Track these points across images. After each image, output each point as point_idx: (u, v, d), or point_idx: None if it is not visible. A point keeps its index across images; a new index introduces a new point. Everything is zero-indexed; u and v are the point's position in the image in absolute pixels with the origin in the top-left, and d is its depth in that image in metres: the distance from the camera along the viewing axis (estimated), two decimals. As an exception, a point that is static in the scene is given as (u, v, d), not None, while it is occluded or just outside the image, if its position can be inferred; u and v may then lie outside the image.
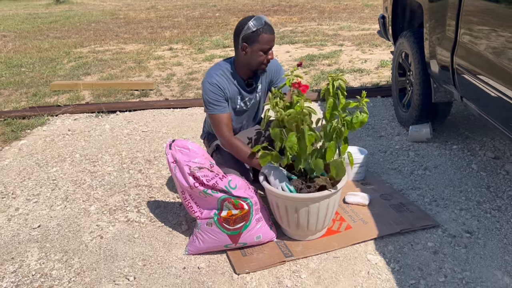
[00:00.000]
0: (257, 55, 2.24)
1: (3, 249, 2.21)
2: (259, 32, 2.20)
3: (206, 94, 2.31)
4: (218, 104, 2.31)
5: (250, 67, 2.31)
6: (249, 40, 2.22)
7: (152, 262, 2.07)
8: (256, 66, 2.29)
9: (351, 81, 4.91)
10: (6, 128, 3.88)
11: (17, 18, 12.20)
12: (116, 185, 2.80)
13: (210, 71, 2.36)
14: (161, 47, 7.39)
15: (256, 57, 2.25)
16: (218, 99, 2.30)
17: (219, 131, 2.33)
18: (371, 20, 9.12)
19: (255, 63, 2.28)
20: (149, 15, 11.95)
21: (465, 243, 2.09)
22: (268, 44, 2.23)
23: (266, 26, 2.21)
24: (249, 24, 2.20)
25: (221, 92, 2.31)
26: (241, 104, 2.44)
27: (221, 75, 2.33)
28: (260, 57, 2.25)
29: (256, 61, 2.27)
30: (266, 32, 2.21)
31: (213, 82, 2.30)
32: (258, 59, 2.26)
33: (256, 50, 2.23)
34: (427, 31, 2.88)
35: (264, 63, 2.29)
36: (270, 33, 2.23)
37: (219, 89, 2.30)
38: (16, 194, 2.74)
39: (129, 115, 4.10)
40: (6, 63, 6.59)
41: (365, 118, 1.95)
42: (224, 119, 2.32)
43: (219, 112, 2.31)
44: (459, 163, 2.86)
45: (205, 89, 2.32)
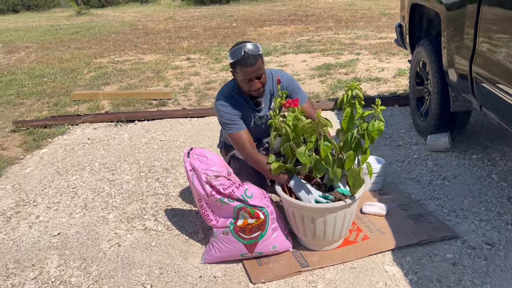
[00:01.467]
0: (244, 83, 2.26)
1: (24, 255, 2.26)
2: (236, 64, 2.20)
3: (220, 116, 2.34)
4: (234, 123, 2.32)
5: (244, 91, 2.34)
6: (233, 69, 2.26)
7: (169, 271, 2.08)
8: (246, 92, 2.32)
9: (368, 90, 4.89)
10: (28, 137, 3.97)
11: (40, 30, 12.53)
12: (134, 193, 2.84)
13: (219, 94, 2.39)
14: (179, 57, 7.49)
15: (243, 84, 2.28)
16: (232, 118, 2.32)
17: (241, 148, 2.31)
18: (388, 28, 9.08)
19: (245, 90, 2.31)
20: (167, 25, 12.14)
21: (485, 255, 2.05)
22: (247, 76, 2.21)
23: (243, 58, 2.16)
24: (229, 55, 2.22)
25: (234, 110, 2.32)
26: (255, 120, 2.46)
27: (230, 96, 2.36)
28: (246, 85, 2.26)
29: (244, 88, 2.30)
30: (243, 65, 2.18)
31: (223, 104, 2.32)
32: (246, 87, 2.28)
33: (241, 79, 2.25)
34: (445, 40, 2.86)
35: (251, 90, 2.28)
36: (248, 66, 2.17)
37: (231, 108, 2.32)
38: (37, 202, 2.80)
39: (147, 124, 4.16)
40: (29, 73, 6.76)
41: (382, 126, 1.93)
42: (243, 136, 2.31)
43: (236, 130, 2.32)
44: (479, 173, 2.81)
45: (218, 111, 2.34)
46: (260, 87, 2.28)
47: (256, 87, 2.25)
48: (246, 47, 2.17)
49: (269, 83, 2.42)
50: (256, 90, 2.28)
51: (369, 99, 4.40)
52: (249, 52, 2.16)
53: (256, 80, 2.24)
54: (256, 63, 2.19)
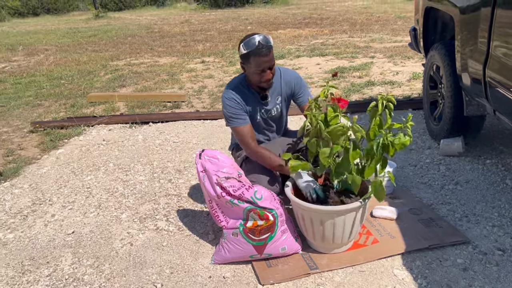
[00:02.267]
0: (254, 74, 2.29)
1: (39, 253, 2.31)
2: (250, 55, 2.23)
3: (225, 108, 2.37)
4: (238, 117, 2.36)
5: (254, 83, 2.36)
6: (244, 61, 2.29)
7: (179, 270, 2.11)
8: (256, 83, 2.34)
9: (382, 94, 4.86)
10: (46, 137, 4.06)
11: (58, 33, 12.77)
12: (147, 194, 2.88)
13: (227, 87, 2.43)
14: (193, 60, 7.56)
15: (254, 76, 2.30)
16: (237, 112, 2.36)
17: (243, 142, 2.38)
18: (403, 32, 9.01)
19: (255, 81, 2.34)
20: (183, 28, 12.25)
21: (496, 261, 2.03)
22: (260, 66, 2.24)
23: (257, 48, 2.19)
24: (241, 46, 2.25)
25: (239, 105, 2.36)
26: (260, 114, 2.48)
27: (236, 89, 2.39)
28: (257, 77, 2.29)
29: (254, 79, 2.32)
30: (256, 55, 2.21)
31: (230, 97, 2.36)
32: (256, 78, 2.31)
33: (252, 71, 2.28)
34: (458, 44, 2.84)
35: (262, 81, 2.31)
36: (262, 55, 2.21)
37: (236, 102, 2.35)
38: (53, 201, 2.86)
39: (161, 126, 4.21)
40: (48, 75, 6.90)
41: (407, 141, 1.91)
42: (246, 131, 2.36)
43: (240, 124, 2.36)
44: (492, 178, 2.78)
45: (223, 104, 2.38)
46: (271, 78, 2.32)
47: (267, 78, 2.29)
48: (259, 38, 2.22)
49: (275, 78, 2.44)
50: (267, 81, 2.31)
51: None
52: (262, 42, 2.21)
53: (268, 70, 2.28)
54: (269, 53, 2.24)
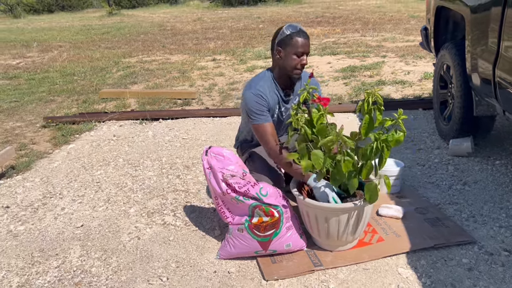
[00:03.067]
0: (290, 58, 2.30)
1: (49, 245, 2.36)
2: (292, 36, 2.27)
3: (249, 104, 2.35)
4: (262, 114, 2.35)
5: (285, 72, 2.36)
6: (283, 44, 2.30)
7: (185, 265, 2.14)
8: (290, 69, 2.34)
9: (393, 93, 4.85)
10: (58, 132, 4.12)
11: (72, 30, 12.92)
12: (155, 189, 2.92)
13: (253, 82, 2.42)
14: (204, 58, 7.59)
15: (289, 60, 2.31)
16: (262, 109, 2.35)
17: (265, 141, 2.34)
18: (416, 31, 8.95)
19: (289, 67, 2.33)
20: (195, 26, 12.31)
21: (502, 262, 2.02)
22: (301, 48, 2.28)
23: (300, 31, 2.29)
24: (284, 29, 2.30)
25: (265, 102, 2.35)
26: (278, 113, 2.49)
27: (264, 85, 2.39)
28: (294, 61, 2.30)
29: (289, 64, 2.32)
30: (299, 36, 2.28)
31: (257, 93, 2.35)
32: (291, 63, 2.31)
33: (290, 53, 2.29)
34: (469, 43, 2.82)
35: (297, 67, 2.33)
36: (304, 38, 2.29)
37: (263, 99, 2.35)
38: (63, 195, 2.91)
39: (171, 123, 4.25)
40: (61, 71, 7.00)
41: (401, 137, 1.90)
42: (269, 129, 2.34)
43: (263, 121, 2.34)
44: (501, 179, 2.76)
45: (248, 99, 2.35)
46: (306, 64, 2.35)
47: (303, 63, 2.32)
48: (300, 26, 2.33)
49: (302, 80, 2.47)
50: (302, 66, 2.34)
51: (393, 103, 4.39)
52: (302, 29, 2.32)
53: (305, 55, 2.32)
54: (309, 39, 2.33)
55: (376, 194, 1.94)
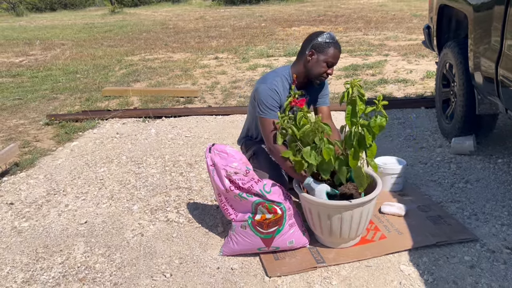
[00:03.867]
0: (320, 65, 2.34)
1: (53, 241, 2.38)
2: (330, 45, 2.32)
3: (263, 98, 2.35)
4: (272, 109, 2.36)
5: (309, 75, 2.40)
6: (318, 49, 2.33)
7: (188, 261, 2.15)
8: (315, 75, 2.38)
9: (395, 92, 4.85)
10: (61, 130, 4.14)
11: (75, 28, 12.94)
12: (158, 186, 2.93)
13: (269, 76, 2.44)
14: (207, 56, 7.60)
15: (318, 67, 2.35)
16: (274, 105, 2.37)
17: (268, 136, 2.36)
18: (419, 30, 8.93)
19: (316, 72, 2.37)
20: (197, 25, 12.31)
21: (504, 259, 2.03)
22: (333, 59, 2.35)
23: (337, 43, 2.36)
24: (324, 35, 2.34)
25: (279, 98, 2.38)
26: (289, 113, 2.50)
27: (280, 81, 2.41)
28: (322, 68, 2.35)
29: (317, 70, 2.36)
30: (336, 48, 2.34)
31: (273, 88, 2.37)
32: (319, 69, 2.35)
33: (321, 60, 2.34)
34: (471, 42, 2.83)
35: (323, 75, 2.38)
36: (339, 50, 2.37)
37: (277, 95, 2.37)
38: (67, 192, 2.93)
39: (174, 121, 4.26)
40: (64, 69, 7.02)
41: (383, 122, 1.92)
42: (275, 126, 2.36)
43: (272, 117, 2.36)
44: (503, 178, 2.77)
45: (263, 93, 2.36)
46: (331, 74, 2.42)
47: (330, 73, 2.39)
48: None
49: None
50: (327, 76, 2.40)
51: (396, 101, 4.40)
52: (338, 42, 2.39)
53: (333, 67, 2.39)
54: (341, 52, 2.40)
55: (363, 177, 1.96)
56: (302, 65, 2.40)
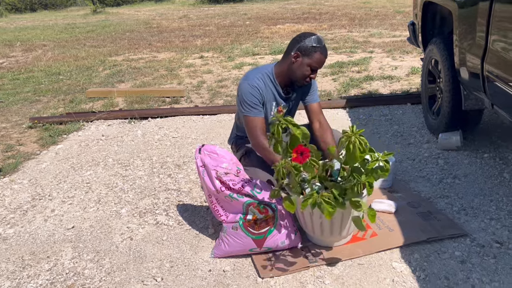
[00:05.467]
0: (304, 68, 2.32)
1: (39, 248, 2.32)
2: (316, 50, 2.30)
3: (244, 95, 2.35)
4: (255, 107, 2.36)
5: (292, 77, 2.38)
6: (304, 52, 2.30)
7: (179, 264, 2.12)
8: (298, 78, 2.36)
9: (381, 88, 4.87)
10: (45, 133, 4.06)
11: (56, 28, 12.72)
12: (146, 188, 2.89)
13: (250, 74, 2.43)
14: (192, 55, 7.55)
15: (302, 70, 2.32)
16: (255, 102, 2.35)
17: (253, 134, 2.36)
18: (402, 26, 9.01)
19: (299, 75, 2.35)
20: (181, 24, 12.22)
21: (494, 253, 2.05)
22: (318, 64, 2.32)
23: (324, 48, 2.33)
24: (312, 38, 2.30)
25: (260, 95, 2.36)
26: (274, 111, 2.49)
27: (261, 78, 2.40)
28: (306, 72, 2.33)
29: (300, 73, 2.34)
30: (322, 53, 2.32)
31: (254, 85, 2.35)
32: (303, 73, 2.33)
33: (305, 64, 2.31)
34: (457, 38, 2.85)
35: (306, 79, 2.35)
36: (324, 56, 2.34)
37: (258, 92, 2.35)
38: (53, 196, 2.87)
39: (160, 122, 4.21)
40: (46, 71, 6.89)
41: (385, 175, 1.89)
42: (259, 123, 2.36)
43: (255, 115, 2.36)
44: (490, 172, 2.80)
45: (244, 90, 2.36)
46: (314, 78, 2.40)
47: (314, 77, 2.37)
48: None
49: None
50: (310, 79, 2.38)
51: (382, 98, 4.42)
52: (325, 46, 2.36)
53: (317, 71, 2.36)
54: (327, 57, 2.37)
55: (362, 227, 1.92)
56: (286, 66, 2.38)
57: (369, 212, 1.89)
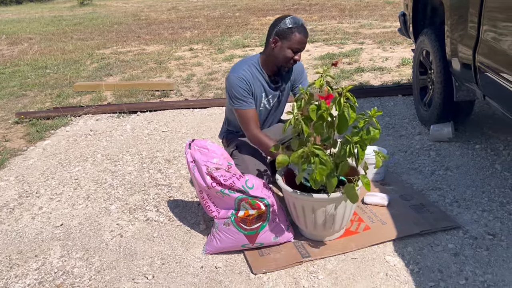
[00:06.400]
0: (285, 51, 2.27)
1: (27, 246, 2.27)
2: (293, 31, 2.24)
3: (233, 89, 2.32)
4: (245, 100, 2.32)
5: (276, 63, 2.34)
6: (281, 36, 2.26)
7: (171, 261, 2.09)
8: (281, 62, 2.31)
9: (372, 80, 4.86)
10: (31, 128, 3.98)
11: (42, 21, 12.50)
12: (136, 184, 2.85)
13: (236, 66, 2.39)
14: (181, 48, 7.46)
15: (284, 53, 2.28)
16: (245, 95, 2.32)
17: (246, 126, 2.34)
18: (392, 17, 8.99)
19: (282, 60, 2.30)
20: (170, 16, 12.08)
21: (487, 245, 2.04)
22: (298, 44, 2.26)
23: (301, 27, 2.26)
24: (287, 20, 2.25)
25: (248, 87, 2.32)
26: (265, 102, 2.46)
27: (247, 70, 2.36)
28: (288, 55, 2.28)
29: (283, 57, 2.29)
30: (300, 33, 2.25)
31: (240, 77, 2.31)
32: (285, 56, 2.28)
33: (285, 47, 2.26)
34: (448, 29, 2.83)
35: (289, 62, 2.30)
36: (304, 35, 2.27)
37: (246, 84, 2.32)
38: (40, 193, 2.81)
39: (149, 116, 4.15)
40: (32, 65, 6.76)
41: (377, 134, 1.88)
42: (251, 115, 2.33)
43: (246, 107, 2.33)
44: (482, 163, 2.79)
45: (232, 83, 2.32)
46: (298, 60, 2.33)
47: (297, 59, 2.30)
48: (303, 21, 2.28)
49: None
50: (294, 62, 2.32)
51: (373, 89, 4.40)
52: (305, 25, 2.28)
53: (300, 53, 2.29)
54: (308, 36, 2.29)
55: (355, 196, 1.91)
56: (268, 53, 2.35)
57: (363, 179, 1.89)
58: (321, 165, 1.86)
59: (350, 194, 1.91)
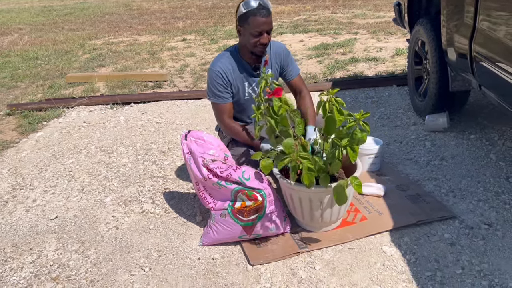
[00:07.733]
0: (248, 37, 2.24)
1: (21, 239, 2.25)
2: (248, 15, 2.20)
3: (210, 82, 2.35)
4: (220, 95, 2.35)
5: (248, 49, 2.32)
6: (241, 21, 2.24)
7: (167, 253, 2.08)
8: (251, 47, 2.29)
9: (366, 70, 4.84)
10: (23, 120, 3.93)
11: (32, 11, 12.31)
12: (131, 176, 2.83)
13: (216, 59, 2.39)
14: (174, 38, 7.39)
15: (248, 39, 2.25)
16: (220, 89, 2.34)
17: (219, 118, 2.43)
18: (386, 7, 8.96)
19: (250, 46, 2.28)
20: (162, 5, 11.95)
21: (483, 235, 2.06)
22: (258, 27, 2.20)
23: (257, 9, 2.18)
24: (241, 5, 2.21)
25: (225, 81, 2.31)
26: (250, 91, 2.44)
27: (226, 61, 2.35)
28: (252, 40, 2.24)
29: (249, 43, 2.27)
30: (256, 15, 2.18)
31: (217, 70, 2.31)
32: (250, 42, 2.26)
33: (248, 33, 2.23)
34: (444, 18, 2.81)
35: (257, 46, 2.26)
36: (261, 16, 2.18)
37: (222, 77, 2.31)
38: (34, 186, 2.78)
39: (143, 107, 4.12)
40: (23, 56, 6.66)
41: (364, 137, 1.86)
42: (225, 110, 2.39)
43: (221, 102, 2.38)
44: (477, 153, 2.80)
45: (209, 77, 2.35)
46: (267, 43, 2.26)
47: (263, 41, 2.24)
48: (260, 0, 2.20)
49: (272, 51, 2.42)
50: (262, 45, 2.26)
51: (367, 80, 4.39)
52: (262, 4, 2.20)
53: (265, 34, 2.23)
54: (269, 15, 2.22)
55: (344, 196, 1.86)
56: (240, 41, 2.35)
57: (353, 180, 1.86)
58: (309, 171, 1.84)
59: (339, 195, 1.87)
